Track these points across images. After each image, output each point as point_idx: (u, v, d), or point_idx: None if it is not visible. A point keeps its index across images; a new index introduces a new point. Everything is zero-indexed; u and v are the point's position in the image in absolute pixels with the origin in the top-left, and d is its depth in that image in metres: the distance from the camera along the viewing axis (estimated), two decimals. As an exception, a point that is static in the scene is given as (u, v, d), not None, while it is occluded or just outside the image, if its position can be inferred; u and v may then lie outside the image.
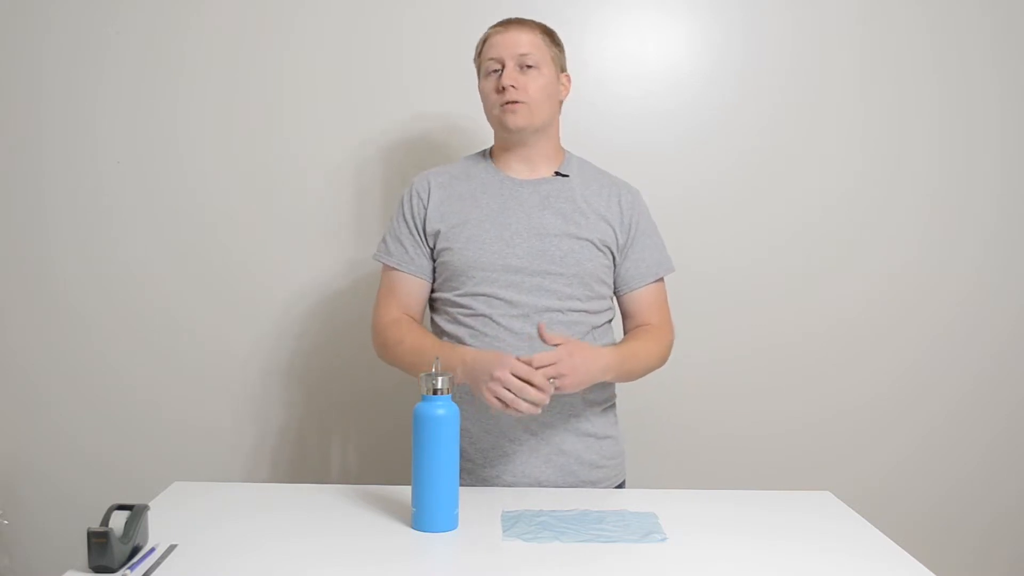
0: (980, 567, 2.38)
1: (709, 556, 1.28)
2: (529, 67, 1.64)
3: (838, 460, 2.34)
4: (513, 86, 1.62)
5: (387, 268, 1.71)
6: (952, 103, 2.29)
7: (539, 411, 1.46)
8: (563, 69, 1.72)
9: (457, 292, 1.64)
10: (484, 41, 1.69)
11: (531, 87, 1.63)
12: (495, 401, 1.44)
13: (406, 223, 1.70)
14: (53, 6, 2.21)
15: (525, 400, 1.43)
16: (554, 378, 1.45)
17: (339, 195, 2.26)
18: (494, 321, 1.61)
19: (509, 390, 1.43)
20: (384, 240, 1.72)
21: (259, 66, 2.23)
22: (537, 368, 1.44)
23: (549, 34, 1.70)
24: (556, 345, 1.49)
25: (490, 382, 1.44)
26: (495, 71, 1.65)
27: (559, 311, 1.62)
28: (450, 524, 1.34)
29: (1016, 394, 2.37)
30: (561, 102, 1.73)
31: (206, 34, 2.22)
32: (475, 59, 1.72)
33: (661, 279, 1.74)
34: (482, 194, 1.68)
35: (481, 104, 1.71)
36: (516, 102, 1.63)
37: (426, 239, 1.68)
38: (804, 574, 1.23)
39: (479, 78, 1.70)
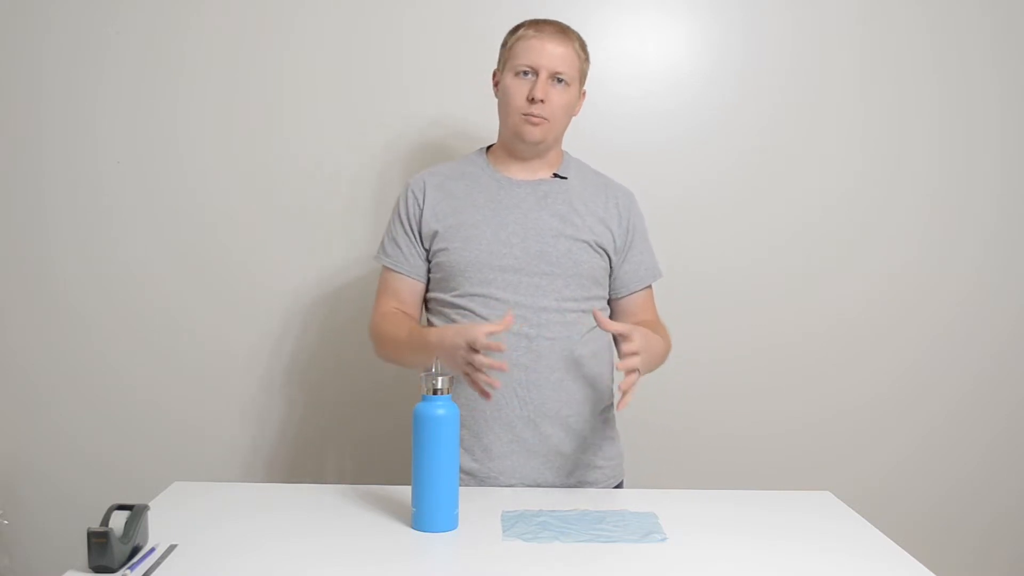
0: (980, 567, 2.38)
1: (709, 556, 1.28)
2: (560, 82, 1.63)
3: (838, 460, 2.34)
4: (543, 100, 1.61)
5: (385, 269, 1.73)
6: (952, 103, 2.29)
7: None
8: (583, 84, 1.71)
9: (454, 293, 1.64)
10: (520, 38, 1.65)
11: (557, 102, 1.63)
12: (469, 377, 1.44)
13: (402, 224, 1.70)
14: (53, 6, 2.21)
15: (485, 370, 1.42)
16: (631, 355, 1.45)
17: (339, 195, 2.26)
18: (490, 322, 1.61)
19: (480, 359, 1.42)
20: (383, 242, 1.74)
21: (259, 66, 2.23)
22: (615, 331, 1.46)
23: (583, 47, 1.69)
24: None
25: (466, 354, 1.43)
26: (526, 75, 1.63)
27: (556, 311, 1.62)
28: (450, 524, 1.34)
29: (1016, 394, 2.37)
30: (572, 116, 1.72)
31: (206, 34, 2.22)
32: (503, 48, 1.69)
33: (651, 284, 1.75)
34: (478, 194, 1.68)
35: (489, 94, 1.70)
36: (540, 116, 1.62)
37: (422, 240, 1.68)
38: (804, 574, 1.23)
39: (502, 68, 1.68)
